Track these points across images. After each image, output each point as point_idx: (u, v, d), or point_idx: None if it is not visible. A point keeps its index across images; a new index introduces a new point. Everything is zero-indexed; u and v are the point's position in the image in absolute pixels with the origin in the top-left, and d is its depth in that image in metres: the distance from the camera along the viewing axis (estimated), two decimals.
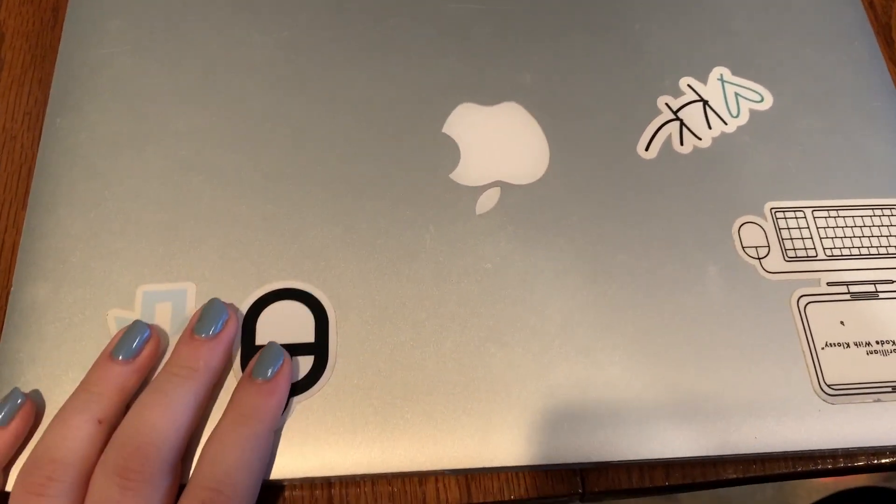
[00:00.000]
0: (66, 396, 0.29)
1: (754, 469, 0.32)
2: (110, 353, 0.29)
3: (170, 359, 0.30)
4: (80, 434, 0.27)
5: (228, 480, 0.27)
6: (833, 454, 0.32)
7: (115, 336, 0.30)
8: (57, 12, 0.42)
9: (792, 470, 0.32)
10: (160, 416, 0.28)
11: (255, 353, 0.31)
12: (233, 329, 0.31)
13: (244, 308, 0.32)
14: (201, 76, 0.36)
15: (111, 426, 0.28)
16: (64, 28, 0.38)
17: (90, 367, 0.30)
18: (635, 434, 0.30)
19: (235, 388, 0.30)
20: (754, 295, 0.33)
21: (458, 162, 0.35)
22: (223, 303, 0.31)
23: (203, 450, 0.28)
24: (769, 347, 0.32)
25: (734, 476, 0.32)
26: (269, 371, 0.29)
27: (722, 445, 0.30)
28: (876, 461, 0.32)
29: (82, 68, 0.37)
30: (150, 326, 0.30)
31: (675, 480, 0.32)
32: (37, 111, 0.39)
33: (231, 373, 0.31)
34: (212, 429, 0.29)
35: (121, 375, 0.29)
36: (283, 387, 0.30)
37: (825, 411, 0.31)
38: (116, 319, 0.31)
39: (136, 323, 0.30)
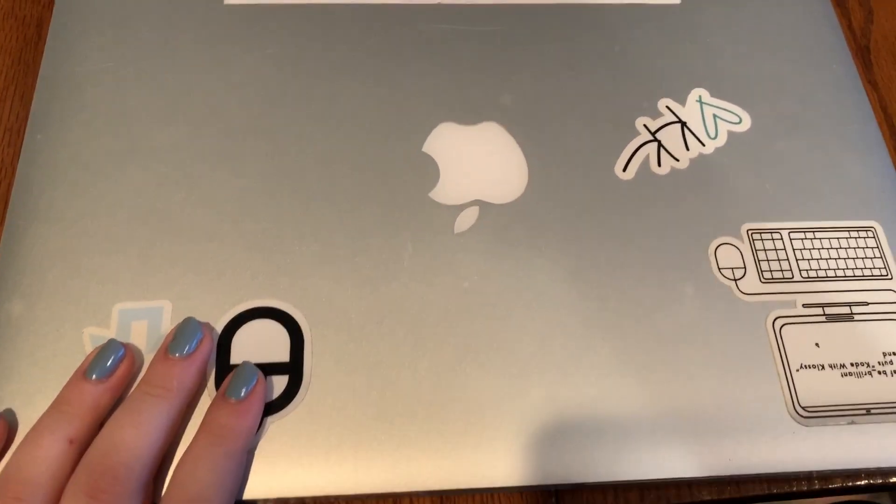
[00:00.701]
0: (40, 414, 0.29)
1: (729, 491, 0.32)
2: (83, 373, 0.29)
3: (143, 378, 0.30)
4: (51, 454, 0.27)
5: (201, 500, 0.27)
6: (808, 476, 0.32)
7: (88, 355, 0.30)
8: (41, 27, 0.42)
9: (767, 492, 0.32)
10: (132, 436, 0.27)
11: (230, 372, 0.30)
12: (207, 348, 0.30)
13: (220, 326, 0.32)
14: (183, 92, 0.37)
15: (83, 446, 0.28)
16: (47, 43, 0.38)
17: (64, 385, 0.29)
18: (610, 455, 0.30)
19: (209, 408, 0.29)
20: (730, 316, 0.33)
21: (438, 181, 0.35)
22: (198, 322, 0.31)
23: (175, 469, 0.28)
24: (744, 369, 0.32)
25: (709, 497, 0.32)
26: (243, 391, 0.29)
27: (697, 467, 0.30)
28: (851, 483, 0.32)
29: (64, 84, 0.37)
30: (125, 345, 0.30)
31: (650, 502, 0.32)
32: (18, 126, 0.39)
33: (205, 392, 0.31)
34: (184, 449, 0.29)
35: (93, 395, 0.29)
36: (257, 407, 0.30)
37: (799, 433, 0.31)
38: (91, 337, 0.31)
39: (111, 342, 0.30)
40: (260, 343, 0.31)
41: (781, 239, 0.34)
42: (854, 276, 0.34)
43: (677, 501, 0.32)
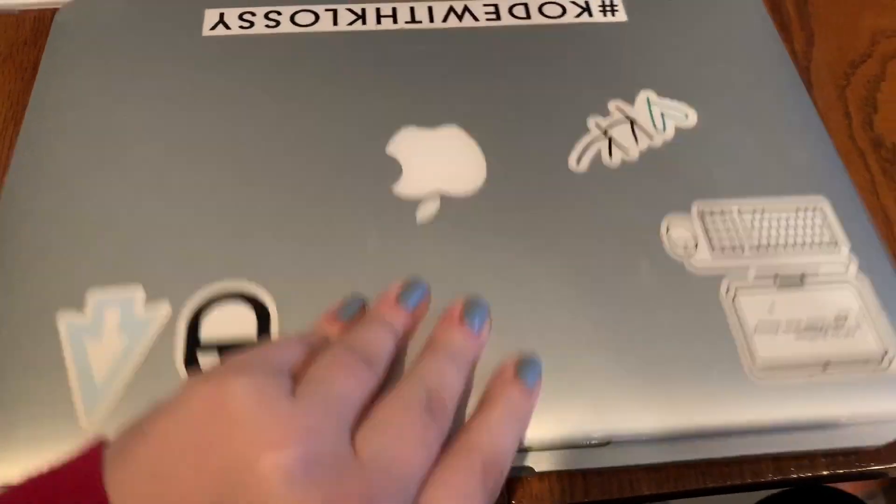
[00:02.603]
0: (11, 405, 0.30)
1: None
2: (396, 298, 0.32)
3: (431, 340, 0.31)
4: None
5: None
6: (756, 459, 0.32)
7: (388, 291, 0.32)
8: (37, 70, 0.45)
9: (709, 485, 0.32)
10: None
11: (199, 349, 0.31)
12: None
13: (190, 308, 0.33)
14: (159, 115, 0.39)
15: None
16: (37, 78, 0.41)
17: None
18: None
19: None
20: (684, 289, 0.34)
21: (401, 177, 0.37)
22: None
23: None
24: (702, 338, 0.33)
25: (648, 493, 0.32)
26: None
27: (658, 427, 0.31)
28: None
29: (51, 113, 0.39)
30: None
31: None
32: None
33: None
34: None
35: (408, 319, 0.32)
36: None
37: (757, 392, 0.31)
38: (69, 325, 0.32)
39: (415, 279, 0.33)
40: (229, 324, 0.32)
41: (732, 214, 0.36)
42: (803, 249, 0.35)
43: (619, 496, 0.32)
